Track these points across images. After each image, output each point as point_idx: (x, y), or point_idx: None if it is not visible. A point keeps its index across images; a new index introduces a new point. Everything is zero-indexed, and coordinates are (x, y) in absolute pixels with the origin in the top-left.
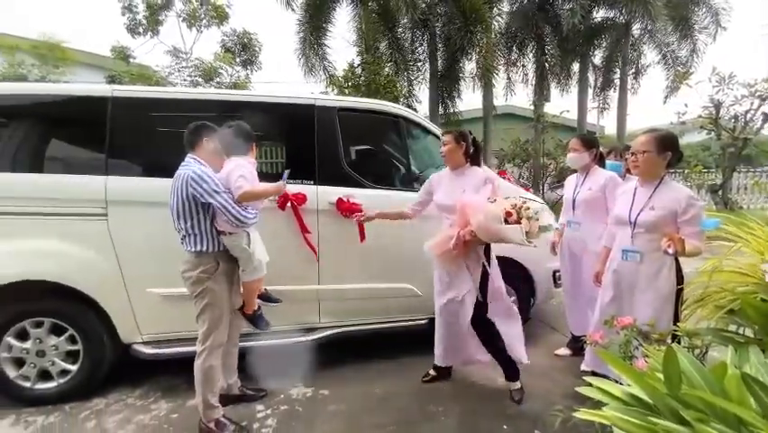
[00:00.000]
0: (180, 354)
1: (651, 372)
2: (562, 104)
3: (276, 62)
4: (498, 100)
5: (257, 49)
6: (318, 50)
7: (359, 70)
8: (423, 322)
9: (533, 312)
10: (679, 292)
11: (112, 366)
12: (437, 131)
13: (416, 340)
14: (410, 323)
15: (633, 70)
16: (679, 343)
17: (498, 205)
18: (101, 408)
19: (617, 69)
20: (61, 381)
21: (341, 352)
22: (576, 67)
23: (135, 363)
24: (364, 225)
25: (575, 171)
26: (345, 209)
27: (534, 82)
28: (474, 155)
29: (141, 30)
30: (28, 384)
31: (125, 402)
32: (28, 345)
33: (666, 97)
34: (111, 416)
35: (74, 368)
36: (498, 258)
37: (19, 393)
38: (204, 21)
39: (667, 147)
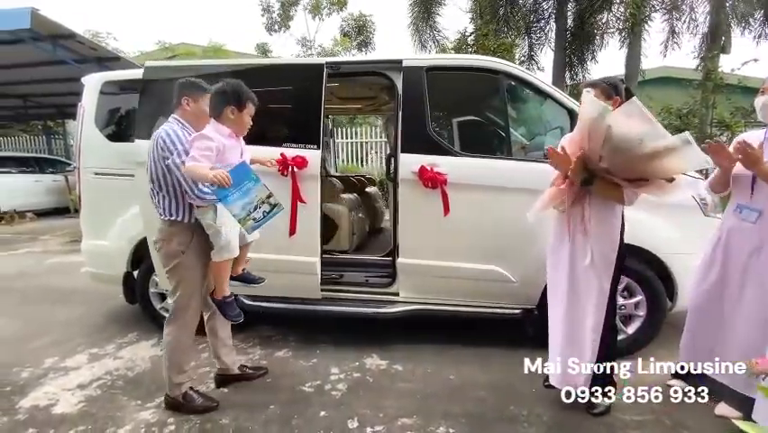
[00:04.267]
0: (274, 309)
1: None
2: (743, 57)
3: (390, 42)
4: (650, 60)
5: (371, 30)
6: (429, 20)
7: (471, 39)
8: (516, 312)
9: None
10: None
11: None
12: (552, 90)
13: (503, 329)
14: (498, 311)
15: None
16: None
17: None
18: None
19: None
20: None
21: (421, 331)
22: None
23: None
24: (449, 197)
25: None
26: (428, 179)
27: (706, 29)
28: None
29: (276, 27)
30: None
31: None
32: None
33: None
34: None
35: None
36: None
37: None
38: (325, 10)
39: None
